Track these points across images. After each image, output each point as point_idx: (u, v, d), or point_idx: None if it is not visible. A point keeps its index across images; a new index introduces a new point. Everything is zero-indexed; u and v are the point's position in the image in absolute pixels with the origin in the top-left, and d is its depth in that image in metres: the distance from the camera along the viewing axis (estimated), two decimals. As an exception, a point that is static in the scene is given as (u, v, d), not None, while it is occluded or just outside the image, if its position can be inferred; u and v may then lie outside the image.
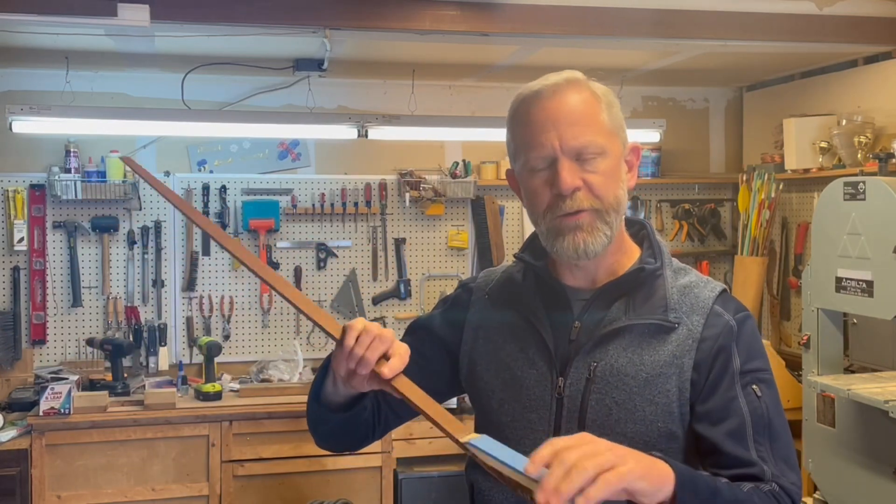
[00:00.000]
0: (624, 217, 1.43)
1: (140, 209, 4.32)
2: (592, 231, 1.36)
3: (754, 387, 1.37)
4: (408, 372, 1.30)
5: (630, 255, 1.46)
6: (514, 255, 1.54)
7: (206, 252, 4.41)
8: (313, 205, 4.49)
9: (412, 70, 4.30)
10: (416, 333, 1.59)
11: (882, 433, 3.08)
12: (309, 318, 1.39)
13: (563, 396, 1.39)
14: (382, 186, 4.56)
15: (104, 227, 4.25)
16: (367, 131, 3.96)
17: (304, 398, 1.52)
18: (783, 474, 1.32)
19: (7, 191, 4.16)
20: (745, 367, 1.37)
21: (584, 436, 1.15)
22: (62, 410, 3.62)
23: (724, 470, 1.32)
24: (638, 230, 1.50)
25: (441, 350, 1.55)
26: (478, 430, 1.49)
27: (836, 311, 3.43)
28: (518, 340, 1.45)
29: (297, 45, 3.74)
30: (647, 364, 1.36)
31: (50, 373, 4.10)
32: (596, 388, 1.37)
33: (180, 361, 4.30)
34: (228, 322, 4.44)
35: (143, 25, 3.02)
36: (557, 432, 1.37)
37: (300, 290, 4.49)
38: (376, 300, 4.60)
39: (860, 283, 3.18)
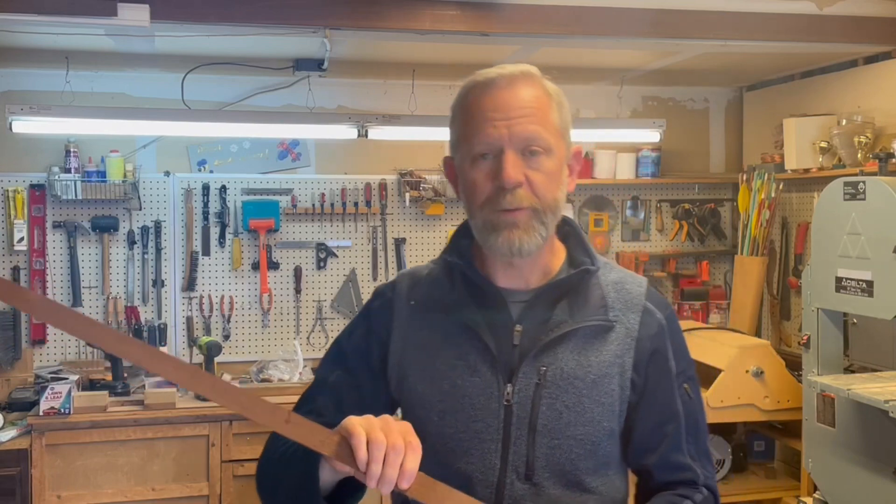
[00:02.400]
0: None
1: (140, 209, 4.32)
2: (528, 230, 1.32)
3: (686, 386, 1.43)
4: (349, 410, 1.19)
5: (558, 254, 1.45)
6: (445, 258, 1.46)
7: (206, 252, 4.41)
8: (313, 205, 4.49)
9: (412, 70, 4.30)
10: (343, 365, 1.48)
11: (882, 433, 3.08)
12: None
13: (511, 404, 1.35)
14: (382, 186, 4.56)
15: (104, 227, 4.25)
16: (367, 131, 3.96)
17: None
18: (705, 468, 1.43)
19: (7, 191, 4.16)
20: (679, 367, 1.42)
21: None
22: (62, 410, 3.62)
23: (661, 472, 1.41)
24: (561, 226, 1.46)
25: (372, 376, 1.45)
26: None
27: (836, 311, 3.42)
28: (455, 347, 1.38)
29: (297, 45, 3.74)
30: (594, 365, 1.36)
31: (50, 373, 4.10)
32: (547, 393, 1.35)
33: (180, 361, 4.30)
34: (228, 322, 4.44)
35: (143, 25, 3.02)
36: (506, 441, 1.35)
37: (300, 290, 4.50)
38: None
39: (860, 283, 3.18)
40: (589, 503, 1.37)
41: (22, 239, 4.14)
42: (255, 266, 4.44)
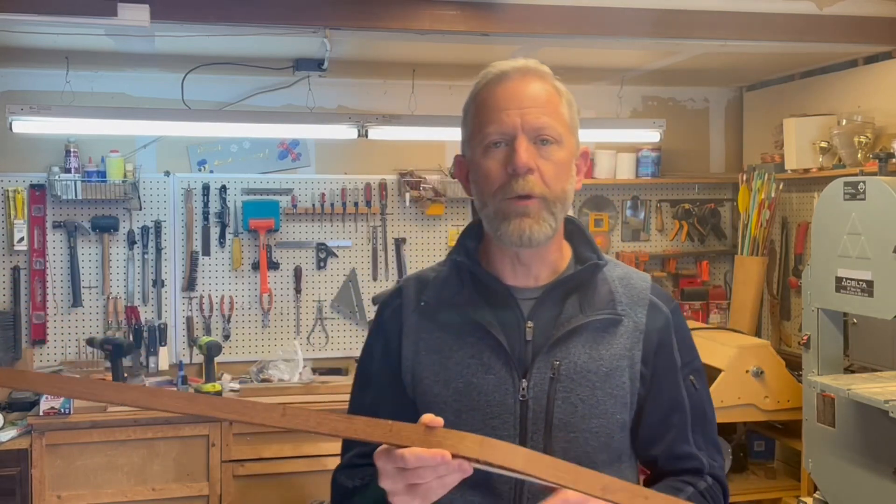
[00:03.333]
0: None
1: (140, 209, 4.32)
2: (538, 219, 1.34)
3: (691, 378, 1.46)
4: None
5: (565, 252, 1.47)
6: (452, 258, 1.47)
7: (206, 252, 4.41)
8: (313, 205, 4.49)
9: (412, 70, 4.30)
10: (373, 387, 1.48)
11: (882, 433, 3.08)
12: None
13: (527, 399, 1.36)
14: (382, 186, 4.56)
15: (104, 227, 4.25)
16: (367, 131, 3.96)
17: (305, 398, 1.51)
18: (713, 458, 1.46)
19: (7, 191, 4.16)
20: (684, 359, 1.46)
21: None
22: (62, 410, 3.62)
23: (666, 462, 1.43)
24: (565, 225, 1.48)
25: (402, 387, 1.45)
26: None
27: (836, 311, 3.43)
28: (467, 346, 1.40)
29: (297, 45, 3.74)
30: (605, 358, 1.39)
31: (50, 373, 4.10)
32: (561, 387, 1.36)
33: (180, 361, 4.30)
34: (228, 322, 4.44)
35: (143, 25, 3.02)
36: (524, 436, 1.36)
37: (300, 290, 4.50)
38: (376, 300, 4.60)
39: (860, 283, 3.18)
40: None
41: (22, 239, 4.14)
42: (255, 266, 4.44)
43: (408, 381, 1.44)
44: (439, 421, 1.14)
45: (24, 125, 3.71)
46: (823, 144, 4.05)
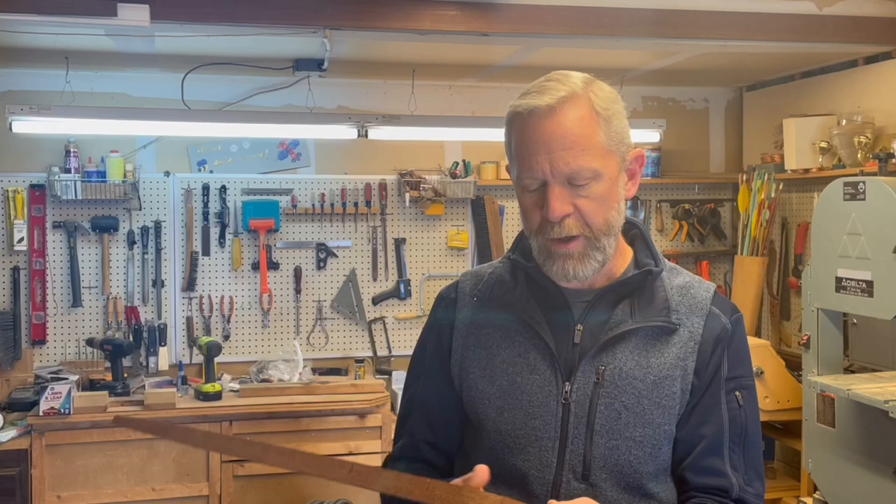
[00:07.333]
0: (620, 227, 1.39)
1: (140, 209, 4.32)
2: (583, 259, 1.33)
3: (737, 393, 1.39)
4: (444, 420, 1.28)
5: (624, 256, 1.44)
6: (507, 257, 1.48)
7: (206, 252, 4.41)
8: (313, 205, 4.49)
9: (412, 70, 4.30)
10: (423, 376, 1.51)
11: (882, 433, 3.08)
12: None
13: (569, 402, 1.34)
14: (382, 186, 4.56)
15: (104, 227, 4.25)
16: (367, 131, 3.96)
17: (304, 398, 1.52)
18: (750, 483, 1.37)
19: (7, 191, 4.16)
20: (731, 373, 1.39)
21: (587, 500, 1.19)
22: (62, 410, 3.62)
23: (694, 475, 1.36)
24: (628, 230, 1.47)
25: (449, 378, 1.47)
26: (476, 440, 1.43)
27: (836, 311, 3.43)
28: (515, 345, 1.40)
29: (297, 45, 3.74)
30: (654, 366, 1.35)
31: (50, 373, 4.10)
32: (605, 392, 1.34)
33: (180, 361, 4.30)
34: (228, 322, 4.44)
35: (143, 25, 3.02)
36: (564, 439, 1.34)
37: (300, 290, 4.50)
38: (376, 300, 4.61)
39: (860, 283, 3.18)
40: None
41: (22, 239, 4.14)
42: (255, 266, 4.44)
43: (455, 374, 1.45)
44: (485, 470, 1.17)
45: (24, 125, 3.72)
46: (823, 144, 4.05)
